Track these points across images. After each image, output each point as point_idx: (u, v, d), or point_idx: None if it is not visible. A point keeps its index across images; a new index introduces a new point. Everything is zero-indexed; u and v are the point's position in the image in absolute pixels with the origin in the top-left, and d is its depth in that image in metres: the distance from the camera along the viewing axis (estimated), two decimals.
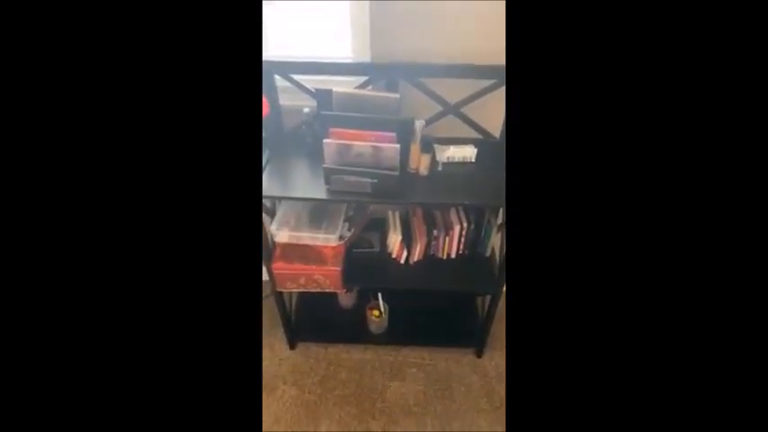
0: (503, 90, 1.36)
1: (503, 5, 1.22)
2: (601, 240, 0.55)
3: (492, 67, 1.28)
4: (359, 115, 1.27)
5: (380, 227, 1.71)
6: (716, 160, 0.51)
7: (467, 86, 1.37)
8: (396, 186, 1.25)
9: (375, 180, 1.24)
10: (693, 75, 0.51)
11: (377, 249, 1.66)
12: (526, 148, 0.57)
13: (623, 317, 0.55)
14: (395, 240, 1.59)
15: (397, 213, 1.66)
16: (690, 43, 0.51)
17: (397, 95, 1.28)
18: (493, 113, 1.43)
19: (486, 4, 1.23)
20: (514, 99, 0.58)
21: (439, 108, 1.42)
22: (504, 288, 1.57)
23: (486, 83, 1.35)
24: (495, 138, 1.49)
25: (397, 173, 1.23)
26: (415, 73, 1.33)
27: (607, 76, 0.53)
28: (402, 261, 1.62)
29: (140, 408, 0.54)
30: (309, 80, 1.40)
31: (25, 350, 0.50)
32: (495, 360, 1.84)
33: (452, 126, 1.46)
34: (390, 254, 1.63)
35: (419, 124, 1.27)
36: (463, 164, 1.40)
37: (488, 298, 1.64)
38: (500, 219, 1.57)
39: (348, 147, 1.23)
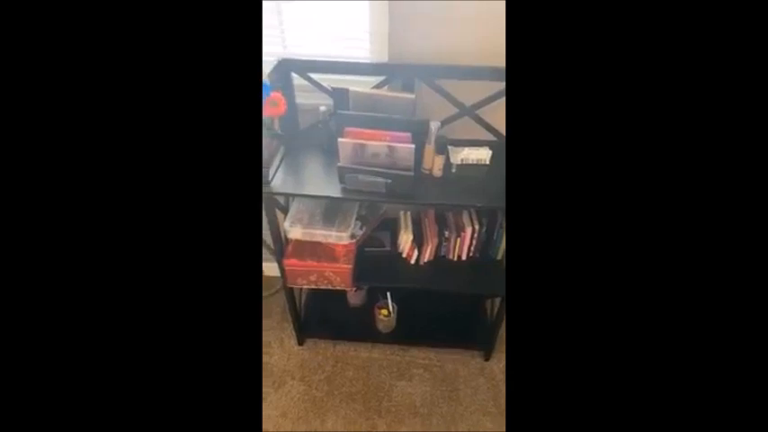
0: None
1: None
2: (601, 243, 0.55)
3: None
4: (375, 115, 1.28)
5: (392, 226, 1.72)
6: (717, 161, 0.50)
7: (482, 88, 1.37)
8: (410, 187, 1.25)
9: (389, 180, 1.24)
10: (694, 75, 0.50)
11: (388, 249, 1.67)
12: (527, 151, 0.57)
13: (623, 319, 0.55)
14: (406, 240, 1.60)
15: (408, 214, 1.66)
16: (691, 43, 0.50)
17: (413, 96, 1.29)
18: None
19: (503, 7, 1.24)
20: (515, 101, 0.58)
21: (454, 110, 1.42)
22: None
23: (501, 85, 1.35)
24: None
25: (411, 173, 1.23)
26: (432, 74, 1.34)
27: (608, 78, 0.53)
28: (412, 261, 1.62)
29: (139, 405, 0.53)
30: (326, 79, 1.41)
31: (25, 348, 0.50)
32: (503, 363, 1.83)
33: (467, 128, 1.46)
34: (401, 254, 1.64)
35: (434, 125, 1.27)
36: (477, 166, 1.40)
37: (497, 301, 1.64)
38: None
39: (363, 146, 1.24)
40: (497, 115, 1.44)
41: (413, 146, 1.23)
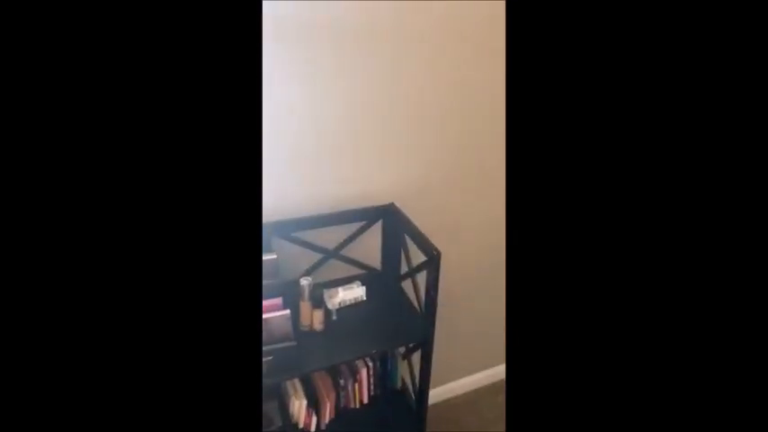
0: (376, 227, 1.42)
1: (361, 146, 1.32)
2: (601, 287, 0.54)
3: (362, 210, 1.34)
4: None
5: (278, 394, 1.48)
6: (717, 163, 0.50)
7: (340, 232, 1.38)
8: (295, 357, 1.10)
9: (270, 357, 1.07)
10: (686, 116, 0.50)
11: (278, 425, 1.40)
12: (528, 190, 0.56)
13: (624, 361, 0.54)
14: (299, 408, 1.38)
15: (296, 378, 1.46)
16: (684, 63, 0.49)
17: (274, 256, 1.20)
18: (369, 249, 1.47)
19: (343, 151, 1.32)
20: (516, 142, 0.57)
21: (318, 256, 1.38)
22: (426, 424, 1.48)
23: (356, 225, 1.39)
24: (377, 269, 1.51)
25: (293, 343, 1.09)
26: (287, 229, 1.29)
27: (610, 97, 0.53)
28: (312, 429, 1.39)
29: (138, 409, 0.53)
30: None
31: (25, 351, 0.50)
32: None
33: (335, 269, 1.43)
34: (296, 425, 1.40)
35: (305, 282, 1.19)
36: (356, 305, 1.36)
37: None
38: (402, 348, 1.53)
39: None
40: (361, 251, 1.45)
41: (287, 311, 1.11)
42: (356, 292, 1.36)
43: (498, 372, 2.06)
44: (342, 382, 1.44)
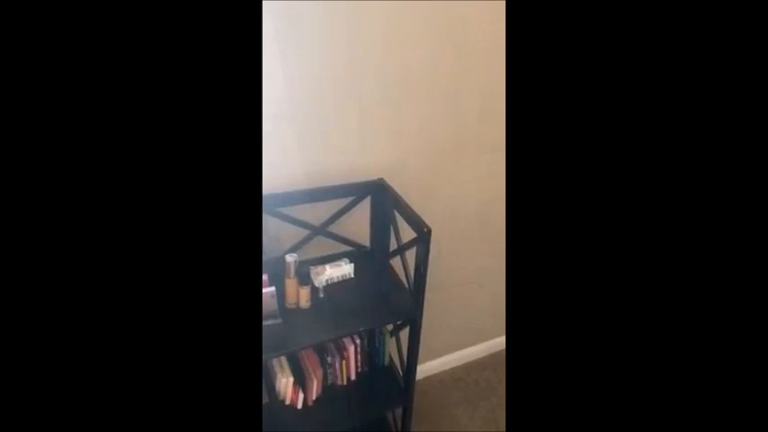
0: (365, 203, 1.38)
1: (343, 127, 1.27)
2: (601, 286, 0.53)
3: (350, 185, 1.30)
4: None
5: (264, 372, 1.46)
6: (717, 164, 0.50)
7: (326, 207, 1.34)
8: (281, 335, 1.08)
9: None
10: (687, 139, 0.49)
11: (265, 401, 1.39)
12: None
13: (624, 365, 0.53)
14: (286, 384, 1.37)
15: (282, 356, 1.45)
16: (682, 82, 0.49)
17: None
18: (357, 225, 1.43)
19: (325, 129, 1.26)
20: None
21: (305, 232, 1.34)
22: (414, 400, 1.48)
23: (345, 201, 1.35)
24: (365, 246, 1.48)
25: (279, 320, 1.07)
26: (274, 204, 1.24)
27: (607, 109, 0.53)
28: (299, 406, 1.39)
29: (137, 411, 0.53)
30: None
31: (24, 350, 0.50)
32: None
33: (321, 245, 1.39)
34: (283, 401, 1.39)
35: (291, 258, 1.16)
36: (343, 282, 1.33)
37: (400, 412, 1.53)
38: (390, 325, 1.52)
39: None
40: (349, 228, 1.42)
41: (273, 288, 1.08)
42: (344, 269, 1.33)
43: (485, 347, 2.08)
44: (329, 359, 1.42)
